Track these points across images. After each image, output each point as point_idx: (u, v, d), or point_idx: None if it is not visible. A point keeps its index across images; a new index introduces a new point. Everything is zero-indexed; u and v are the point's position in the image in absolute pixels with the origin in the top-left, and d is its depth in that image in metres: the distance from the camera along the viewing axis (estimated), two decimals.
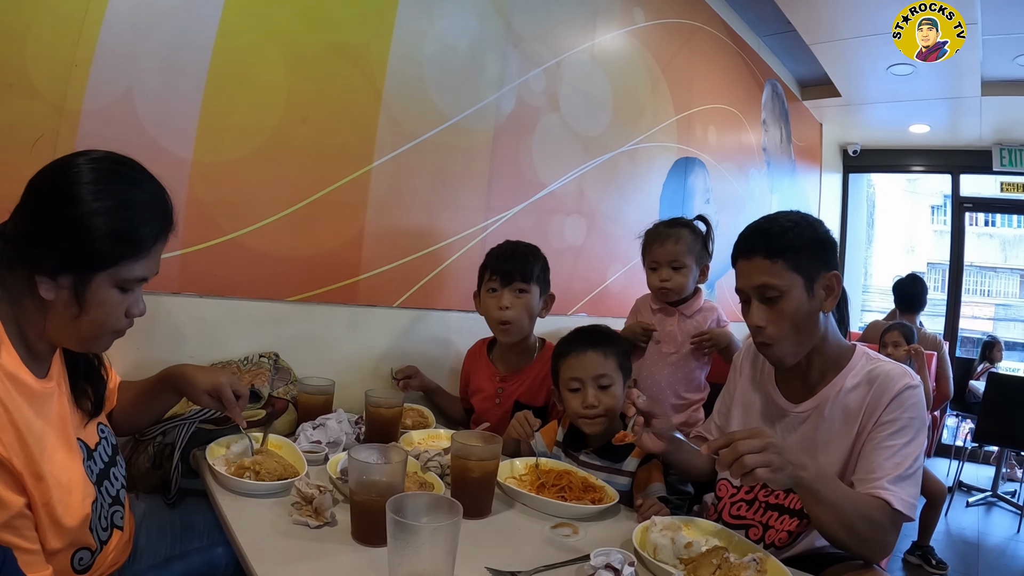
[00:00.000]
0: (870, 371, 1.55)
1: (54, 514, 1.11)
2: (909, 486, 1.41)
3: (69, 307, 1.14)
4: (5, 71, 1.57)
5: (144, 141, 1.80)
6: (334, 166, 2.26)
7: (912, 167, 7.46)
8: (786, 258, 1.51)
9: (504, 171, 2.91)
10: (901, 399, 1.47)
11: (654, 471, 1.76)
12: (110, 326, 1.22)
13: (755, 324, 1.56)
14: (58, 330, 1.18)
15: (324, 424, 1.82)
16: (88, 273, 1.14)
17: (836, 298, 1.56)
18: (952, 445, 6.25)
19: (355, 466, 1.27)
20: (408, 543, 1.03)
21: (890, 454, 1.43)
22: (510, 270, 2.22)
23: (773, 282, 1.51)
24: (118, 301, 1.20)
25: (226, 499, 1.41)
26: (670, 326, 2.62)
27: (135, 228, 1.17)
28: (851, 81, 5.62)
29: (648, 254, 2.59)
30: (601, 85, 3.47)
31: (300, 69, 2.14)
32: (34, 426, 1.11)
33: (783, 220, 1.56)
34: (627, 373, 1.89)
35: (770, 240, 1.53)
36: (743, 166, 5.05)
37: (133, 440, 1.74)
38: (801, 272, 1.51)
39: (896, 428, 1.46)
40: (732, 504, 1.69)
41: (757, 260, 1.54)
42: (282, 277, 2.15)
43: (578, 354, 1.85)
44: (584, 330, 1.94)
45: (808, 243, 1.53)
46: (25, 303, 1.15)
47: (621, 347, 1.90)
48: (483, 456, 1.46)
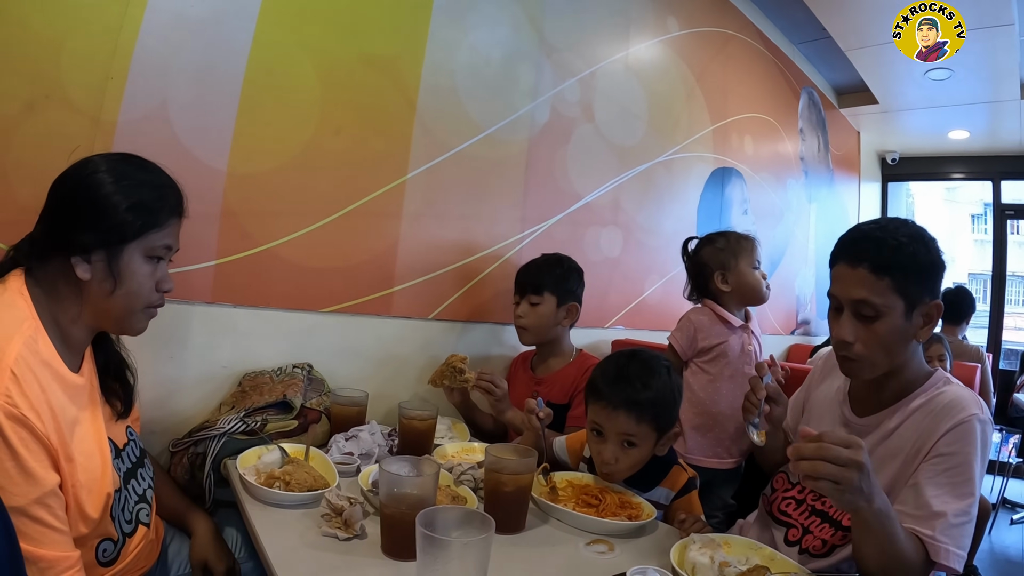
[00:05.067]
0: (939, 395, 1.45)
1: (79, 498, 1.16)
2: (959, 536, 1.31)
3: (104, 282, 1.23)
4: (42, 83, 1.60)
5: (179, 152, 1.81)
6: (368, 178, 2.26)
7: (952, 174, 7.29)
8: (893, 277, 1.39)
9: (539, 182, 2.90)
10: (962, 430, 1.36)
11: (694, 505, 1.67)
12: (143, 299, 1.30)
13: (843, 338, 1.45)
14: (95, 310, 1.25)
15: (357, 436, 1.82)
16: (118, 245, 1.24)
17: (933, 328, 1.46)
18: (996, 460, 6.07)
19: (386, 478, 1.25)
20: (438, 558, 1.01)
21: (941, 492, 1.33)
22: (524, 282, 2.45)
23: (874, 300, 1.40)
24: (148, 272, 1.29)
25: (255, 509, 1.41)
26: (748, 344, 2.44)
27: (152, 201, 1.28)
28: (888, 87, 5.52)
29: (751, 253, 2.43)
30: (636, 95, 3.44)
31: (334, 80, 2.14)
32: (68, 411, 1.17)
33: (899, 233, 1.42)
34: (667, 426, 1.67)
35: (882, 253, 1.40)
36: (780, 176, 4.98)
37: (168, 452, 1.79)
38: (905, 295, 1.40)
39: (954, 464, 1.35)
40: (783, 499, 1.66)
41: (862, 271, 1.41)
42: (316, 288, 2.15)
43: (608, 408, 1.64)
44: (627, 373, 1.66)
45: (921, 265, 1.41)
46: (60, 290, 1.23)
47: (667, 397, 1.66)
48: (517, 470, 1.43)
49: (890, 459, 1.46)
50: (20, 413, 1.04)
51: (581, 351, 2.48)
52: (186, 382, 1.91)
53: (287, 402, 1.86)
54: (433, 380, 2.21)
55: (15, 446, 1.03)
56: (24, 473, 1.04)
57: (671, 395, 1.69)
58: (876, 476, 1.28)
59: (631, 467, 1.66)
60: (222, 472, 1.67)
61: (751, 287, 2.41)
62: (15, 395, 1.05)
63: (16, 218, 1.29)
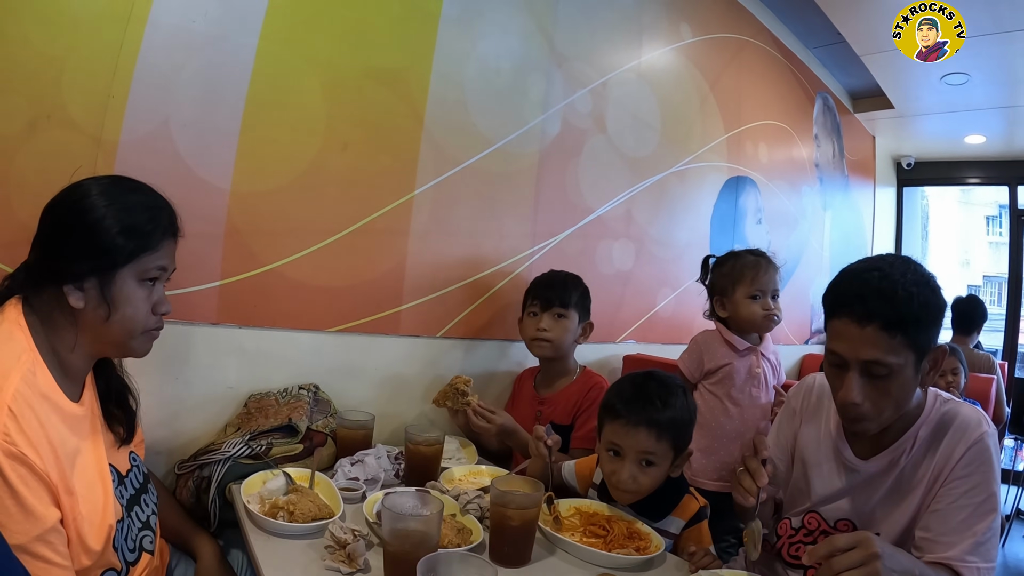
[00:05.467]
0: (943, 415, 1.43)
1: (81, 531, 1.14)
2: (987, 551, 1.32)
3: (98, 309, 1.21)
4: (43, 103, 1.58)
5: (182, 171, 1.80)
6: (375, 194, 2.24)
7: (968, 179, 7.24)
8: (907, 333, 1.31)
9: (550, 196, 2.86)
10: (976, 451, 1.36)
11: (704, 536, 1.65)
12: (140, 323, 1.28)
13: (852, 400, 1.36)
14: (92, 338, 1.24)
15: (363, 460, 1.79)
16: (110, 271, 1.22)
17: (937, 372, 1.39)
18: (1011, 470, 5.98)
19: (388, 515, 1.23)
20: None
21: (966, 516, 1.33)
22: (550, 296, 2.39)
23: (887, 360, 1.31)
24: (143, 295, 1.27)
25: (259, 539, 1.40)
26: (756, 367, 2.42)
27: (144, 223, 1.26)
28: (904, 92, 5.46)
29: (750, 283, 2.38)
30: (648, 104, 3.40)
31: (339, 95, 2.12)
32: (68, 443, 1.17)
33: (907, 282, 1.32)
34: (682, 446, 1.67)
35: (894, 309, 1.30)
36: (795, 183, 4.92)
37: (174, 475, 1.78)
38: (916, 348, 1.32)
39: (972, 485, 1.35)
40: (791, 544, 1.62)
41: (871, 330, 1.32)
42: (322, 308, 2.13)
43: (627, 425, 1.62)
44: (645, 392, 1.66)
45: (931, 313, 1.34)
46: (56, 320, 1.21)
47: (684, 417, 1.66)
48: (523, 504, 1.40)
49: (909, 493, 1.44)
50: (19, 451, 1.04)
51: (585, 368, 2.47)
52: (191, 403, 1.89)
53: (292, 426, 1.85)
54: (437, 400, 2.22)
55: (14, 484, 1.03)
56: (24, 511, 1.04)
57: (688, 415, 1.68)
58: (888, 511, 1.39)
59: (648, 487, 1.63)
60: (227, 496, 1.66)
61: (744, 318, 2.40)
62: (13, 432, 1.04)
63: (18, 239, 1.27)
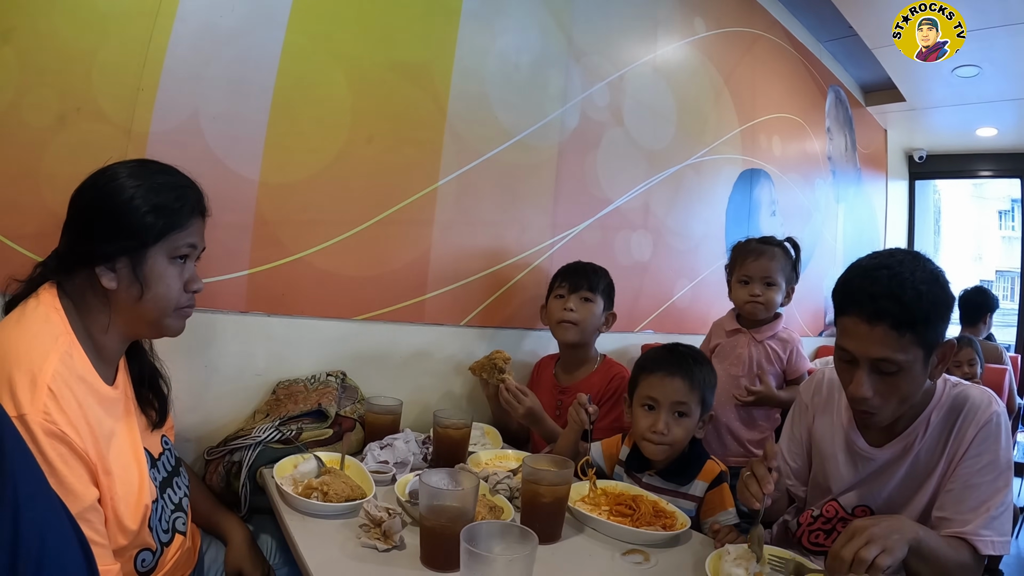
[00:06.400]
0: (954, 398, 1.45)
1: (117, 511, 1.17)
2: (1000, 524, 1.34)
3: (131, 289, 1.24)
4: (73, 96, 1.61)
5: (211, 162, 1.83)
6: (400, 185, 2.27)
7: (980, 172, 7.18)
8: (916, 331, 1.31)
9: (569, 187, 2.89)
10: (988, 430, 1.39)
11: (726, 496, 1.70)
12: (172, 301, 1.29)
13: (861, 395, 1.37)
14: (126, 319, 1.27)
15: (392, 444, 1.82)
16: (141, 250, 1.24)
17: (946, 366, 1.40)
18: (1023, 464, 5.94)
19: (426, 491, 1.26)
20: (483, 573, 1.01)
21: (979, 493, 1.36)
22: (578, 280, 2.41)
23: (897, 358, 1.33)
24: (175, 273, 1.29)
25: (294, 519, 1.42)
26: (740, 348, 2.55)
27: (172, 201, 1.27)
28: (915, 85, 5.45)
29: (740, 268, 2.52)
30: (664, 97, 3.42)
31: (364, 89, 2.15)
32: (104, 424, 1.19)
33: (917, 282, 1.32)
34: (707, 407, 1.80)
35: (904, 308, 1.30)
36: (808, 176, 4.93)
37: (203, 460, 1.80)
38: (925, 345, 1.34)
39: (984, 463, 1.38)
40: (811, 532, 1.64)
41: (881, 329, 1.32)
42: (349, 296, 2.16)
43: (664, 376, 1.76)
44: (677, 350, 1.85)
45: (939, 311, 1.35)
46: (89, 302, 1.24)
47: (710, 380, 1.82)
48: (554, 481, 1.43)
49: (926, 478, 1.46)
50: (59, 430, 1.05)
51: (606, 357, 2.47)
52: (220, 390, 1.92)
53: (322, 411, 1.87)
54: (473, 368, 2.26)
55: (54, 463, 1.04)
56: (64, 489, 1.05)
57: (712, 379, 1.83)
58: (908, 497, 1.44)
59: (681, 439, 1.74)
60: (258, 480, 1.68)
61: (736, 302, 2.56)
62: (53, 412, 1.06)
63: (50, 231, 1.29)
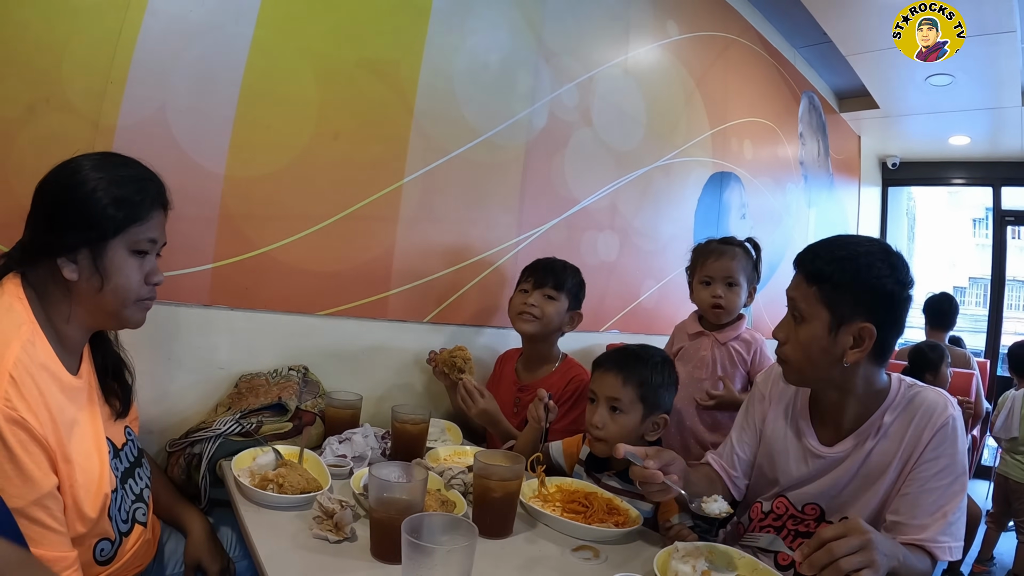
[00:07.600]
0: (910, 400, 1.46)
1: (77, 498, 1.18)
2: (956, 530, 1.36)
3: (91, 280, 1.24)
4: (42, 87, 1.61)
5: (177, 156, 1.84)
6: (365, 182, 2.28)
7: (952, 180, 7.28)
8: (822, 289, 1.41)
9: (536, 187, 2.91)
10: (944, 434, 1.40)
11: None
12: (133, 292, 1.30)
13: (776, 334, 1.52)
14: (87, 309, 1.27)
15: (350, 438, 1.83)
16: (102, 242, 1.24)
17: (863, 353, 1.40)
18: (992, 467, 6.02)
19: (375, 483, 1.27)
20: (422, 564, 1.03)
21: (935, 498, 1.37)
22: (544, 276, 2.40)
23: (800, 305, 1.44)
24: (135, 266, 1.29)
25: (249, 511, 1.43)
26: (703, 350, 2.51)
27: (133, 194, 1.28)
28: (889, 92, 5.52)
29: (701, 269, 2.48)
30: (634, 99, 3.45)
31: (332, 85, 2.16)
32: (66, 412, 1.20)
33: (850, 250, 1.42)
34: (654, 407, 1.82)
35: (815, 264, 1.43)
36: (780, 180, 4.99)
37: (165, 452, 1.80)
38: (832, 309, 1.40)
39: (940, 468, 1.38)
40: (761, 528, 1.64)
41: (798, 276, 1.46)
42: (312, 291, 2.17)
43: (603, 371, 1.83)
44: (627, 348, 1.91)
45: (860, 285, 1.39)
46: (52, 293, 1.25)
47: (658, 380, 1.83)
48: (505, 476, 1.44)
49: (878, 478, 1.46)
50: (19, 416, 1.06)
51: (567, 357, 2.47)
52: (183, 383, 1.93)
53: (282, 404, 1.89)
54: (435, 360, 2.26)
55: (14, 448, 1.05)
56: (22, 475, 1.06)
57: (661, 379, 1.84)
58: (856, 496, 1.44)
59: (615, 435, 1.75)
60: (218, 473, 1.69)
61: (698, 303, 2.52)
62: (14, 398, 1.06)
63: (16, 221, 1.29)
